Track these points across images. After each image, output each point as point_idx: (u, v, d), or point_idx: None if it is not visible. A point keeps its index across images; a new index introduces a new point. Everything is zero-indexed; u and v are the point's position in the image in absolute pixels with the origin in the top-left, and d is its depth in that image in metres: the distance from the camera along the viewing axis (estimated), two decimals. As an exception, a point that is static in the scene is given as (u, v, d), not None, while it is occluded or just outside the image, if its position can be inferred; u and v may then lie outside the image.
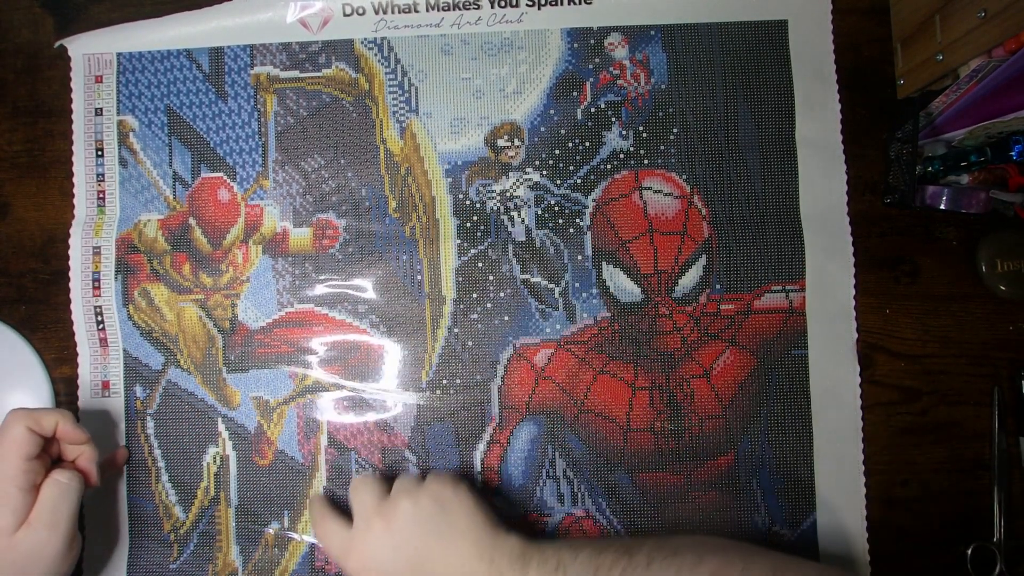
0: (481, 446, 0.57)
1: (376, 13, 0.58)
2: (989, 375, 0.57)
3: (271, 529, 0.57)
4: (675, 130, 0.57)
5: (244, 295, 0.57)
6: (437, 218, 0.58)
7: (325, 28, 0.59)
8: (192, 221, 0.58)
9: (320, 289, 0.57)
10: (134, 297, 0.58)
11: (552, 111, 0.58)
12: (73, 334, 0.58)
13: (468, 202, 0.58)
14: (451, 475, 0.51)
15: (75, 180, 0.59)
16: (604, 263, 0.57)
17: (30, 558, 0.47)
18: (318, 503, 0.54)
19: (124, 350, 0.57)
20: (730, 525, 0.56)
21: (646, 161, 0.57)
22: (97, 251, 0.58)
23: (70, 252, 0.58)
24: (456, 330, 0.57)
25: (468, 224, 0.57)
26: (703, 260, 0.57)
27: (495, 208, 0.58)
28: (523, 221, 0.57)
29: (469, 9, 0.58)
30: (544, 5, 0.58)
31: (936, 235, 0.58)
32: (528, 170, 0.58)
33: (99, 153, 0.59)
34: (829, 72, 0.58)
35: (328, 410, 0.57)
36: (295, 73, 0.58)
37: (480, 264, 0.57)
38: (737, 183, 0.57)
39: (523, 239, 0.57)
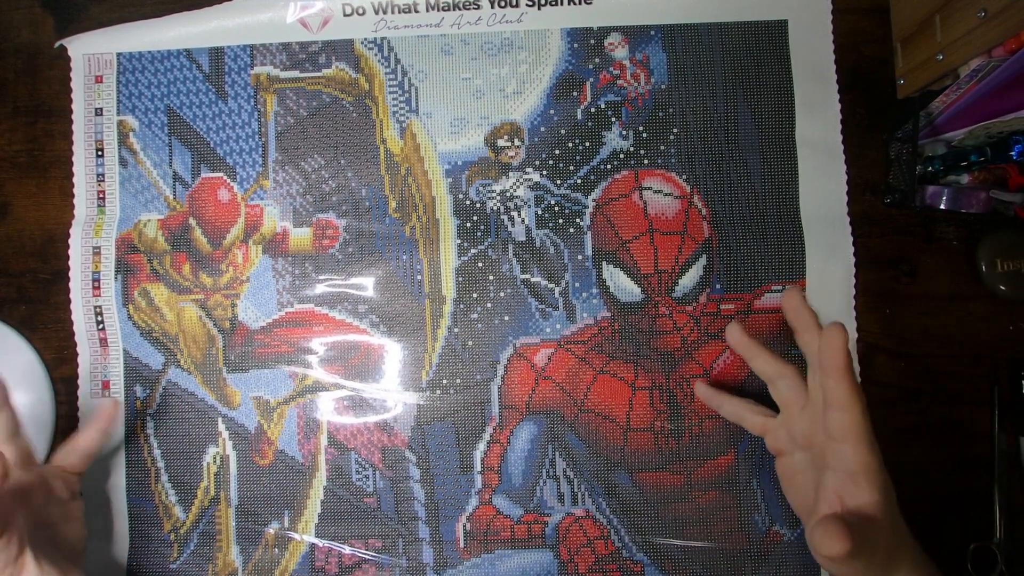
0: (481, 446, 0.57)
1: (376, 13, 0.58)
2: (989, 375, 0.57)
3: (271, 529, 0.57)
4: (675, 130, 0.57)
5: (244, 295, 0.58)
6: (437, 218, 0.58)
7: (325, 28, 0.59)
8: (192, 221, 0.58)
9: (320, 289, 0.57)
10: (134, 297, 0.58)
11: (552, 111, 0.58)
12: (73, 334, 0.58)
13: (468, 202, 0.58)
14: None
15: (75, 180, 0.59)
16: (604, 263, 0.57)
17: None
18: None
19: (124, 350, 0.57)
20: (730, 525, 0.56)
21: (646, 161, 0.57)
22: (97, 251, 0.58)
23: (70, 252, 0.58)
24: (456, 330, 0.57)
25: (468, 224, 0.57)
26: (703, 260, 0.57)
27: (495, 208, 0.58)
28: (523, 221, 0.57)
29: (469, 9, 0.58)
30: (544, 5, 0.58)
31: (936, 235, 0.58)
32: (528, 170, 0.58)
33: (99, 153, 0.59)
34: (829, 72, 0.58)
35: (328, 410, 0.57)
36: (295, 73, 0.59)
37: (480, 264, 0.57)
38: (737, 183, 0.57)
39: (523, 239, 0.57)
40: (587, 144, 0.58)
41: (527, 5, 0.58)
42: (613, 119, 0.58)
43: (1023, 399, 0.56)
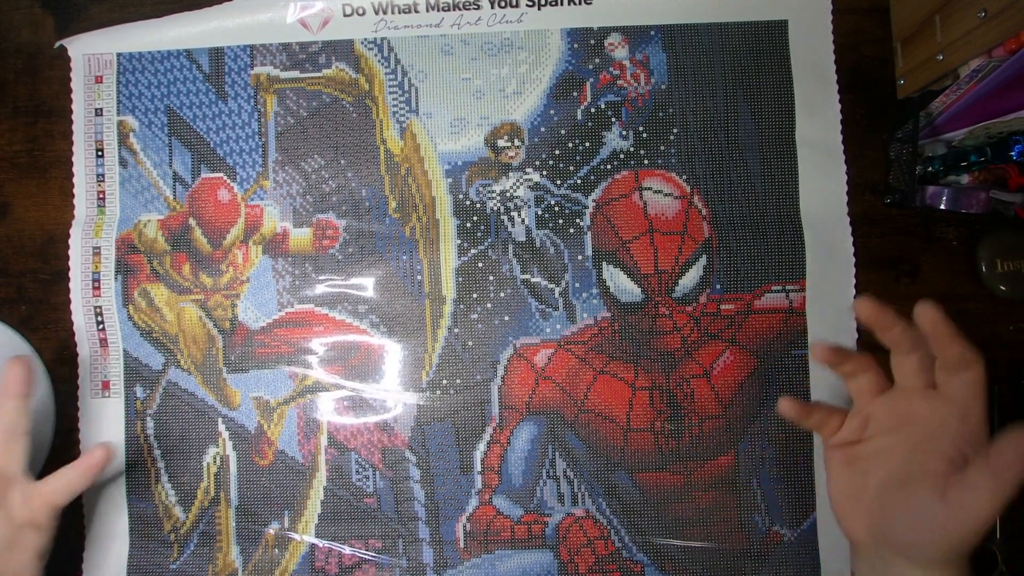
0: (481, 446, 0.57)
1: (376, 13, 0.58)
2: (989, 375, 0.57)
3: (271, 529, 0.57)
4: (675, 130, 0.58)
5: (244, 295, 0.58)
6: (437, 218, 0.58)
7: (325, 28, 0.59)
8: (192, 221, 0.58)
9: (320, 289, 0.57)
10: (134, 297, 0.58)
11: (552, 111, 0.58)
12: (73, 334, 0.58)
13: (468, 202, 0.58)
14: None
15: (75, 180, 0.59)
16: (604, 263, 0.57)
17: None
18: None
19: (124, 350, 0.57)
20: (730, 525, 0.56)
21: (646, 161, 0.57)
22: (97, 251, 0.58)
23: (70, 252, 0.58)
24: (456, 330, 0.57)
25: (468, 224, 0.57)
26: (703, 260, 0.57)
27: (495, 208, 0.58)
28: (523, 221, 0.57)
29: (469, 9, 0.58)
30: (544, 5, 0.58)
31: (936, 235, 0.58)
32: (528, 170, 0.58)
33: (99, 153, 0.59)
34: (829, 72, 0.58)
35: (328, 410, 0.57)
36: (295, 73, 0.59)
37: (480, 264, 0.57)
38: (737, 183, 0.57)
39: (523, 239, 0.57)
40: (587, 144, 0.58)
41: (527, 5, 0.58)
42: (613, 119, 0.58)
43: (1023, 399, 0.56)
